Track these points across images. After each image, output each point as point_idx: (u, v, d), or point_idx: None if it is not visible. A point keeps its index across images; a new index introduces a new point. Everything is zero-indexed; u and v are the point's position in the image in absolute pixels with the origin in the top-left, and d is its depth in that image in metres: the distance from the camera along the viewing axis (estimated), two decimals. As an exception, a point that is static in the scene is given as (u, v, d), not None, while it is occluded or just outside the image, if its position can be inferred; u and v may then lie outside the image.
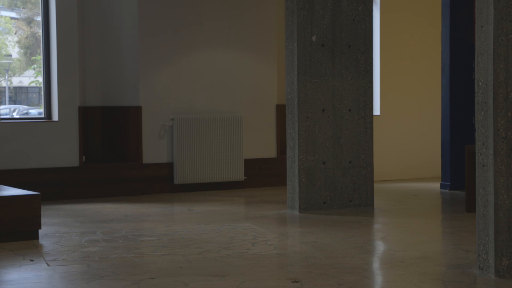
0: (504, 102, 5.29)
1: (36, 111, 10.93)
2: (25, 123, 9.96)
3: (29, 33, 10.98)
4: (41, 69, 10.23)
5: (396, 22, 12.17)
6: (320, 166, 8.61)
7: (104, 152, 10.62)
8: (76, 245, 6.81)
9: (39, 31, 10.36)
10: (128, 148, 10.44)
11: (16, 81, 11.38)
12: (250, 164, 10.99)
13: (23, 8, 10.89)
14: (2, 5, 10.87)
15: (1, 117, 9.90)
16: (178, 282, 5.40)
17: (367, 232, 7.52)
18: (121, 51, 10.51)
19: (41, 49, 10.21)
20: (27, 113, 11.13)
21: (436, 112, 11.97)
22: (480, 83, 5.47)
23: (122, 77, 10.49)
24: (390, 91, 12.11)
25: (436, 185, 11.07)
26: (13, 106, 11.34)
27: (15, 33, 11.09)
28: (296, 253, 6.59)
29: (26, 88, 11.41)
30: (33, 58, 11.06)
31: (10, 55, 11.11)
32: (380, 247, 6.84)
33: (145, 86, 10.34)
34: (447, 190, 10.55)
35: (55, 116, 10.03)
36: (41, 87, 10.36)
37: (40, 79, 10.45)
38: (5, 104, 10.97)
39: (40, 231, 7.26)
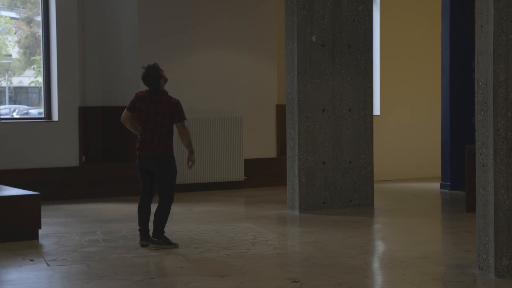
0: (504, 102, 5.29)
1: (36, 111, 10.93)
2: (25, 123, 9.95)
3: (29, 33, 10.98)
4: (41, 69, 10.23)
5: (396, 22, 12.17)
6: (320, 166, 8.61)
7: (104, 152, 10.61)
8: (76, 245, 6.81)
9: (39, 31, 10.36)
10: (128, 148, 10.43)
11: (16, 81, 11.38)
12: (250, 164, 10.98)
13: (23, 8, 10.89)
14: (2, 5, 10.86)
15: (1, 117, 9.90)
16: (178, 282, 5.40)
17: (367, 232, 7.52)
18: (121, 51, 10.50)
19: (41, 49, 10.21)
20: (27, 113, 11.13)
21: (436, 112, 11.96)
22: (480, 83, 5.47)
23: (122, 77, 10.48)
24: (390, 91, 12.11)
25: (436, 185, 11.06)
26: (13, 106, 11.34)
27: (15, 33, 11.09)
28: (296, 253, 6.59)
29: (26, 88, 11.41)
30: (32, 58, 11.06)
31: (10, 55, 11.11)
32: (380, 247, 6.85)
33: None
34: (447, 190, 10.55)
35: (55, 116, 10.02)
36: (41, 87, 10.36)
37: (40, 79, 10.44)
38: (5, 104, 10.97)
39: (40, 231, 7.25)
